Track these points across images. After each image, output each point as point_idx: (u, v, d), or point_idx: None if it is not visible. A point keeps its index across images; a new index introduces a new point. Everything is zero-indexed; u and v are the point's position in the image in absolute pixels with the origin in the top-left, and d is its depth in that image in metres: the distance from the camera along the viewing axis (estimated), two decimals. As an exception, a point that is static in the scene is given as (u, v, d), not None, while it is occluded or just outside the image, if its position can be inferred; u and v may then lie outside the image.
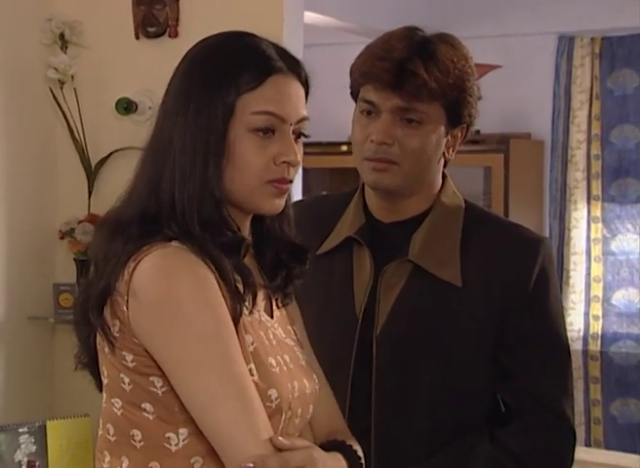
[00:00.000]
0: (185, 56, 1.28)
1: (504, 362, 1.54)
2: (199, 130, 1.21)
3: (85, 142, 2.95)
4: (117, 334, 1.19)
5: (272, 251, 1.31)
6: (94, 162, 2.94)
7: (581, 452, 3.23)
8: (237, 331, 1.19)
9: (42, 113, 2.99)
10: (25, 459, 2.40)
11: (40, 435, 2.47)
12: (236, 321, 1.19)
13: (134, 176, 1.27)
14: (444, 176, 1.63)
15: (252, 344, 1.22)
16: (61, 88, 2.93)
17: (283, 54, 1.26)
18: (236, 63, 1.23)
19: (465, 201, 1.63)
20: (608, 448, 4.17)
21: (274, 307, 1.32)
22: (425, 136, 1.53)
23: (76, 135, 2.95)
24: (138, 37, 2.91)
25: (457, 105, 1.54)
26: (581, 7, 4.25)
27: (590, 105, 4.34)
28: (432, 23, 1.59)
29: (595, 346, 4.35)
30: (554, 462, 1.55)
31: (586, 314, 4.38)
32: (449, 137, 1.57)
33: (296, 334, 1.36)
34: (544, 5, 4.30)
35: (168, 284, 1.16)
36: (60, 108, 2.94)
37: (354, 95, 1.59)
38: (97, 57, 2.95)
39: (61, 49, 2.93)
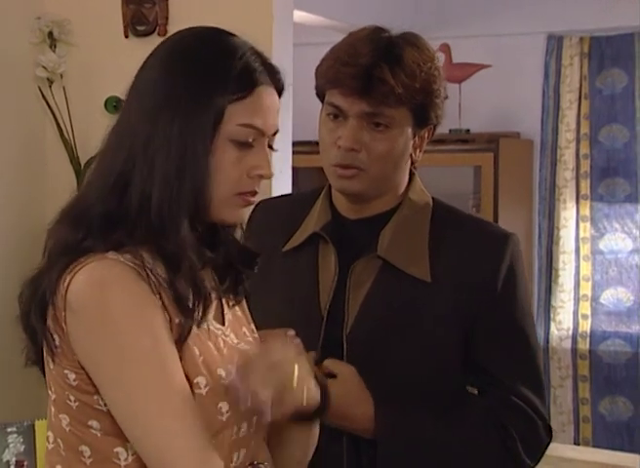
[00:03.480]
0: (160, 49, 1.24)
1: (477, 357, 1.56)
2: (189, 133, 1.17)
3: (74, 141, 2.94)
4: (58, 350, 1.16)
5: (222, 253, 1.28)
6: (83, 161, 2.93)
7: (570, 451, 3.25)
8: (183, 345, 1.16)
9: (31, 112, 2.98)
10: (14, 459, 2.39)
11: (29, 435, 2.45)
12: (183, 336, 1.15)
13: (96, 168, 1.22)
14: (411, 174, 1.63)
15: (200, 356, 1.18)
16: (50, 86, 2.92)
17: (265, 62, 1.24)
18: (225, 70, 1.20)
19: (433, 198, 1.63)
20: (596, 446, 4.18)
21: (225, 311, 1.29)
22: (393, 140, 1.53)
23: (65, 133, 2.94)
24: (127, 36, 2.91)
25: (424, 108, 1.54)
26: (570, 6, 4.26)
27: (579, 105, 4.35)
28: (421, 23, 1.60)
29: (584, 345, 4.36)
30: (533, 449, 1.58)
31: (575, 313, 4.39)
32: (416, 139, 1.57)
33: (253, 333, 1.33)
34: (533, 5, 4.31)
35: (102, 298, 1.12)
36: (49, 107, 2.93)
37: (320, 96, 1.59)
38: (86, 55, 2.95)
39: (50, 47, 2.92)
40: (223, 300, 1.29)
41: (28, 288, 1.23)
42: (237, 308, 1.33)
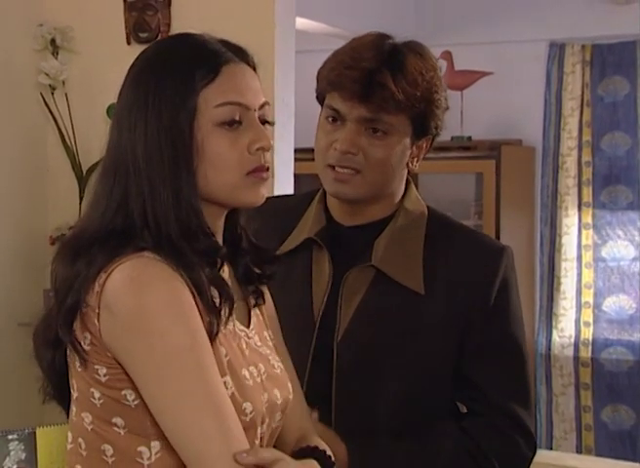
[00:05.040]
0: (130, 67, 1.24)
1: (465, 371, 1.54)
2: (163, 136, 1.17)
3: (76, 148, 2.94)
4: (88, 348, 1.16)
5: (244, 256, 1.29)
6: (85, 167, 2.94)
7: (572, 459, 3.24)
8: (212, 344, 1.16)
9: (33, 118, 2.98)
10: (15, 467, 2.39)
11: (30, 442, 2.45)
12: (212, 335, 1.16)
13: (93, 196, 1.22)
14: (407, 182, 1.61)
15: (226, 356, 1.19)
16: (53, 93, 2.93)
17: (228, 44, 1.23)
18: (186, 62, 1.19)
19: (428, 207, 1.62)
20: (599, 454, 4.17)
21: (252, 314, 1.29)
22: (390, 147, 1.52)
23: (67, 140, 2.95)
24: (129, 43, 2.91)
25: (423, 117, 1.52)
26: (572, 14, 4.27)
27: (581, 112, 4.35)
28: (422, 30, 1.59)
29: (586, 353, 4.35)
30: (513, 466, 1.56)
31: (577, 320, 4.38)
32: (414, 148, 1.56)
33: (271, 338, 1.33)
34: (535, 12, 4.32)
35: (141, 296, 1.12)
36: (52, 114, 2.94)
37: (319, 100, 1.58)
38: (88, 62, 2.95)
39: (53, 54, 2.93)
40: (250, 302, 1.30)
41: (41, 324, 1.22)
42: (259, 312, 1.33)
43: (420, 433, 1.53)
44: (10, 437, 2.41)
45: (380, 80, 1.48)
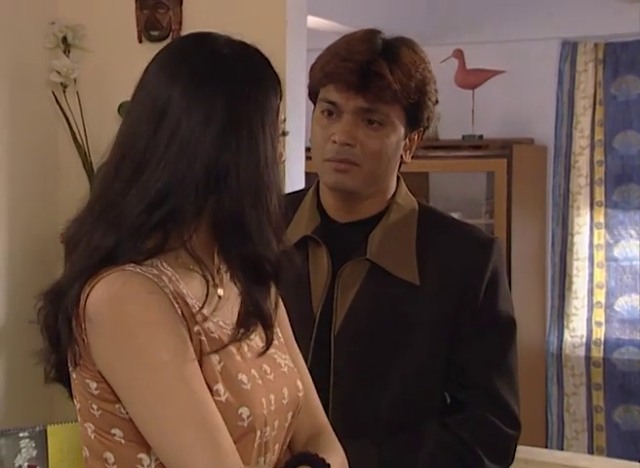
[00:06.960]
0: (184, 60, 1.20)
1: (455, 358, 1.57)
2: (254, 158, 1.18)
3: (87, 146, 2.94)
4: (80, 360, 1.17)
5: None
6: (96, 166, 2.94)
7: (584, 460, 3.22)
8: (202, 353, 1.16)
9: (44, 117, 2.98)
10: (26, 464, 2.39)
11: (41, 439, 2.45)
12: (217, 347, 1.17)
13: (135, 177, 1.21)
14: (397, 178, 1.65)
15: (219, 363, 1.18)
16: (64, 91, 2.93)
17: (267, 61, 1.26)
18: (269, 87, 1.22)
19: (418, 202, 1.65)
20: (610, 455, 4.16)
21: None
22: (386, 138, 1.55)
23: (79, 138, 2.95)
24: (141, 41, 2.91)
25: (417, 108, 1.56)
26: (585, 12, 4.25)
27: (593, 111, 4.33)
28: (434, 28, 1.60)
29: (598, 353, 4.34)
30: (499, 452, 1.58)
31: (589, 320, 4.37)
32: (406, 141, 1.59)
33: (279, 337, 1.33)
34: (548, 10, 4.30)
35: (120, 309, 1.13)
36: (63, 112, 2.94)
37: (312, 95, 1.61)
38: (100, 60, 2.95)
39: (64, 52, 2.93)
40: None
41: (52, 297, 1.22)
42: None
43: (403, 435, 1.54)
44: (21, 434, 2.42)
45: (376, 70, 1.51)
